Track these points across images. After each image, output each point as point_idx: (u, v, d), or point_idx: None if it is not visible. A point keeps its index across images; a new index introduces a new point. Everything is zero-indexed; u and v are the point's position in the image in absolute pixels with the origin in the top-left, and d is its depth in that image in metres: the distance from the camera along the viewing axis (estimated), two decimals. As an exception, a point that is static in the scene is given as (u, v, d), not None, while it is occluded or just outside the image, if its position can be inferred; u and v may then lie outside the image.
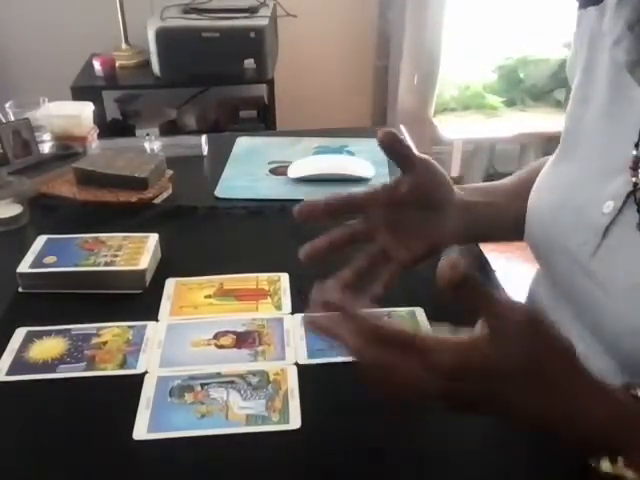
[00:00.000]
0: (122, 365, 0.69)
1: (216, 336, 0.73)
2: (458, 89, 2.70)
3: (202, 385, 0.66)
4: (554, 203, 0.65)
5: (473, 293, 0.47)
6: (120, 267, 0.81)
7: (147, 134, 1.26)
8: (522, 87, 2.64)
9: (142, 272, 0.81)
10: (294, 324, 0.75)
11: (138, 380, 0.67)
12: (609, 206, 0.58)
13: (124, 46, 2.32)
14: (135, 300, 0.80)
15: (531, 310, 0.49)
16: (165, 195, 1.04)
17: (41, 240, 0.86)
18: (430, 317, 0.75)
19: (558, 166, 0.69)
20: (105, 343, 0.72)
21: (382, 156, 0.67)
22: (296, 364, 0.69)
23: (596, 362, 0.62)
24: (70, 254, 0.83)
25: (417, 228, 0.66)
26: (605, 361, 0.59)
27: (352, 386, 0.66)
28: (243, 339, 0.72)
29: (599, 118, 0.63)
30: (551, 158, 0.70)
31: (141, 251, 0.83)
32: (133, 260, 0.82)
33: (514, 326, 0.46)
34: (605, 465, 0.48)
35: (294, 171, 1.11)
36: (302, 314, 0.76)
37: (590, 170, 0.63)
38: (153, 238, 0.86)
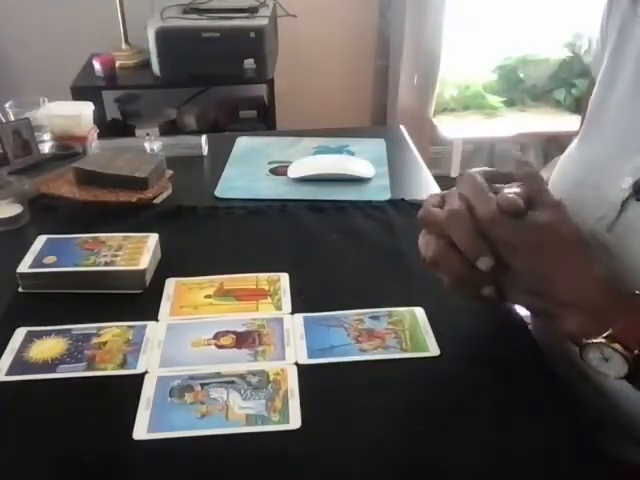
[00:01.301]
0: (122, 365, 0.69)
1: (216, 336, 0.73)
2: (458, 89, 2.70)
3: (202, 385, 0.66)
4: (575, 181, 0.68)
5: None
6: (120, 267, 0.81)
7: (147, 134, 1.26)
8: (522, 87, 2.64)
9: (142, 272, 0.81)
10: (294, 324, 0.75)
11: (138, 380, 0.67)
12: (628, 182, 0.60)
13: (124, 46, 2.32)
14: (135, 300, 0.79)
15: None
16: (165, 195, 1.04)
17: (41, 240, 0.86)
18: (430, 317, 0.75)
19: (580, 148, 0.70)
20: (105, 343, 0.72)
21: (382, 155, 0.67)
22: (296, 364, 0.69)
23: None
24: (70, 254, 0.83)
25: None
26: None
27: (352, 386, 0.66)
28: (243, 339, 0.72)
29: (624, 100, 0.65)
30: (573, 142, 0.72)
31: (141, 251, 0.83)
32: (133, 260, 0.82)
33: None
34: (597, 340, 0.55)
35: (294, 171, 1.11)
36: (304, 314, 0.76)
37: (611, 149, 0.64)
38: (153, 238, 0.86)
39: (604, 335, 0.54)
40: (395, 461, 0.58)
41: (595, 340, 0.55)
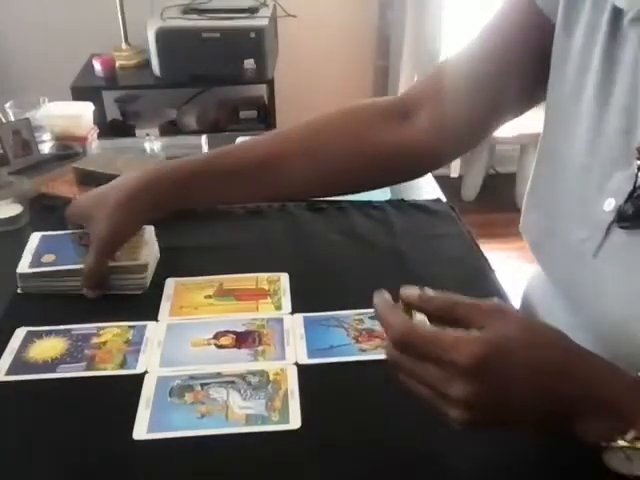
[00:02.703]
0: (122, 365, 0.69)
1: (216, 336, 0.73)
2: (458, 89, 2.70)
3: (202, 385, 0.66)
4: (559, 190, 0.63)
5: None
6: (121, 262, 0.80)
7: (147, 134, 1.27)
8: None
9: (144, 266, 0.80)
10: (294, 324, 0.75)
11: (138, 380, 0.67)
12: (610, 204, 0.56)
13: (124, 46, 2.32)
14: (135, 300, 0.79)
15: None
16: (165, 195, 1.04)
17: (35, 238, 0.85)
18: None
19: (553, 143, 0.65)
20: (105, 343, 0.72)
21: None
22: (296, 364, 0.69)
23: None
24: (68, 251, 0.82)
25: None
26: None
27: (352, 386, 0.66)
28: (243, 339, 0.72)
29: (592, 98, 0.59)
30: (549, 125, 0.66)
31: (139, 245, 0.82)
32: (132, 255, 0.81)
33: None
34: (620, 442, 0.48)
35: (294, 171, 1.11)
36: (304, 314, 0.76)
37: (593, 157, 0.59)
38: (149, 230, 0.85)
39: (628, 439, 0.48)
40: (395, 461, 0.58)
41: (618, 444, 0.48)
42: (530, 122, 0.95)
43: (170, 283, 0.82)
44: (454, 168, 2.66)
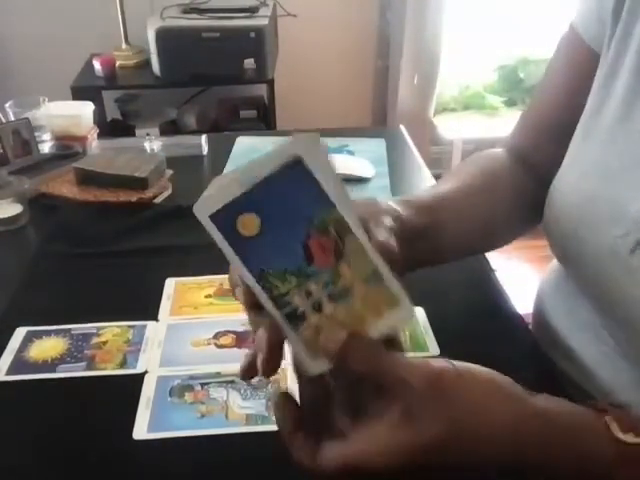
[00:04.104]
0: (122, 365, 0.69)
1: (216, 336, 0.73)
2: (458, 89, 2.70)
3: (202, 385, 0.66)
4: (588, 192, 0.61)
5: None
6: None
7: (147, 134, 1.27)
8: (522, 87, 2.64)
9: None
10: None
11: (138, 380, 0.67)
12: None
13: (124, 46, 2.32)
14: (135, 300, 0.80)
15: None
16: (165, 195, 1.04)
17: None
18: (430, 317, 0.75)
19: (582, 148, 0.64)
20: (105, 343, 0.72)
21: (382, 155, 0.66)
22: (296, 364, 0.69)
23: (610, 369, 0.61)
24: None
25: None
26: (622, 369, 0.59)
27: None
28: (243, 339, 0.72)
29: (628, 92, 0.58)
30: (578, 131, 0.65)
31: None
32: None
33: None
34: None
35: (294, 171, 1.11)
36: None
37: (628, 157, 0.58)
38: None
39: None
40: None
41: None
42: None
43: (170, 283, 0.82)
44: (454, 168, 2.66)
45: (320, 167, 0.39)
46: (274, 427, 0.60)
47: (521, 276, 2.09)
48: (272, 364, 0.43)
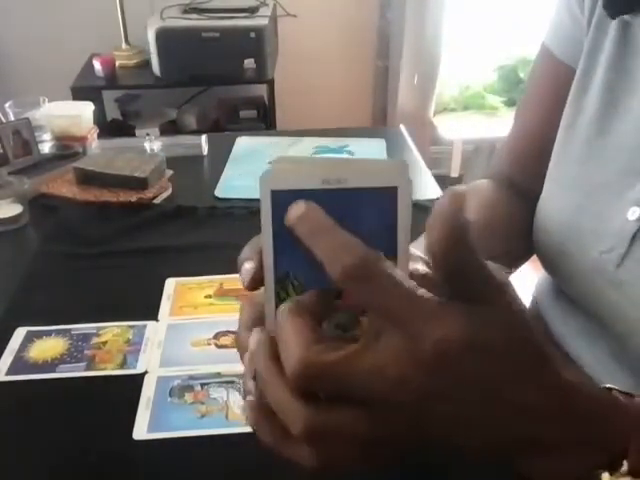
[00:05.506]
0: (122, 365, 0.69)
1: (216, 336, 0.73)
2: (458, 89, 2.70)
3: (202, 385, 0.66)
4: (571, 208, 0.61)
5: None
6: None
7: (147, 134, 1.26)
8: (522, 87, 2.64)
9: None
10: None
11: (138, 380, 0.67)
12: (635, 212, 0.55)
13: (124, 46, 2.33)
14: (135, 300, 0.80)
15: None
16: (165, 195, 1.04)
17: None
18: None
19: (560, 163, 0.64)
20: (105, 343, 0.72)
21: (382, 155, 0.66)
22: (296, 364, 0.69)
23: (606, 374, 0.60)
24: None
25: None
26: (618, 374, 0.58)
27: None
28: (243, 339, 0.72)
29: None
30: (555, 147, 0.65)
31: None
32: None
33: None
34: (605, 476, 0.36)
35: (294, 171, 1.11)
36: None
37: (609, 171, 0.58)
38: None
39: (616, 474, 0.36)
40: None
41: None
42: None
43: (170, 283, 0.82)
44: (454, 168, 2.66)
45: (404, 209, 0.35)
46: (274, 427, 0.61)
47: (521, 277, 2.08)
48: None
